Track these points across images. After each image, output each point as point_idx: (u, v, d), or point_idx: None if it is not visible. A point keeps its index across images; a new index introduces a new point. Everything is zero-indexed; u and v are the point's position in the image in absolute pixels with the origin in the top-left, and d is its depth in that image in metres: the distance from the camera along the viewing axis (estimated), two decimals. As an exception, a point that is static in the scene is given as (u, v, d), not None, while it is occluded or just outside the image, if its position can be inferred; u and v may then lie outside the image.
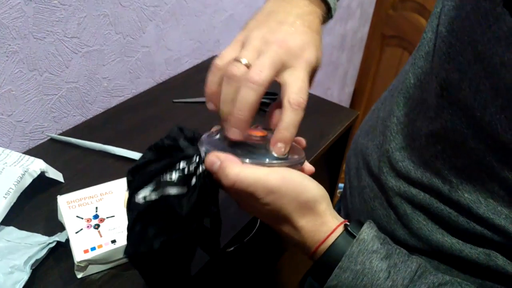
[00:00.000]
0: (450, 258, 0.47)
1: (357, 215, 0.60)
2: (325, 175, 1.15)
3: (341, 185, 1.98)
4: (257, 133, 0.44)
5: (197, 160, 0.40)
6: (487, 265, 0.44)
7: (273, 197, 0.39)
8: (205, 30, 1.14)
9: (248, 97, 0.39)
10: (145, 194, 0.39)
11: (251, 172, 0.39)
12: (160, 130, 0.87)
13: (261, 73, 0.39)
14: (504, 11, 0.36)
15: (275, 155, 0.41)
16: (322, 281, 0.43)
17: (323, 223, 0.42)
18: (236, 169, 0.39)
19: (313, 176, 0.45)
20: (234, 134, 0.40)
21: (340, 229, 0.42)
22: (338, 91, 2.37)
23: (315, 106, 0.99)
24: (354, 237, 0.41)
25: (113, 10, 0.87)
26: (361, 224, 0.43)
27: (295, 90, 0.40)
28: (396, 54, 2.26)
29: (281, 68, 0.41)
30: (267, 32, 0.42)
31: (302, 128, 0.44)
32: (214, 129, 0.45)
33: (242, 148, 0.42)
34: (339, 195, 1.35)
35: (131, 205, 0.39)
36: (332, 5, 0.48)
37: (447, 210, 0.46)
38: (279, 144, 0.41)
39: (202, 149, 0.41)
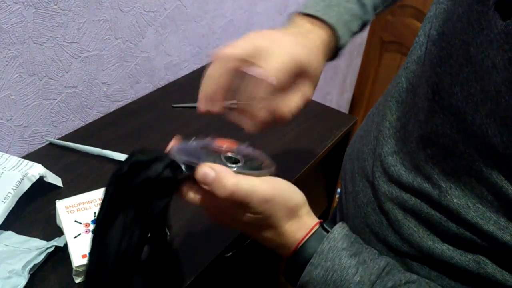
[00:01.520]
0: (441, 265, 0.47)
1: (352, 221, 0.60)
2: (324, 180, 1.15)
3: (339, 190, 1.97)
4: (223, 143, 0.45)
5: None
6: (477, 273, 0.44)
7: (267, 206, 0.41)
8: (204, 35, 1.15)
9: (216, 68, 0.42)
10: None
11: (247, 182, 0.40)
12: (159, 134, 0.87)
13: (231, 48, 0.42)
14: (496, 14, 0.36)
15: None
16: (296, 277, 0.45)
17: (304, 223, 0.45)
18: (234, 180, 0.39)
19: (312, 182, 0.46)
20: (203, 106, 0.44)
21: (317, 227, 0.45)
22: (337, 96, 2.38)
23: (314, 111, 1.00)
24: (327, 233, 0.44)
25: (113, 15, 0.87)
26: (334, 224, 0.46)
27: (269, 66, 0.43)
28: (395, 59, 2.27)
29: (261, 52, 0.43)
30: (263, 31, 0.45)
31: (301, 134, 0.44)
32: (173, 142, 0.44)
33: (215, 158, 0.42)
34: (338, 200, 1.35)
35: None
36: (340, 32, 0.51)
37: (437, 215, 0.46)
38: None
39: (180, 160, 0.41)
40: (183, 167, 0.40)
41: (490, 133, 0.38)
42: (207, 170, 0.40)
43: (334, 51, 0.53)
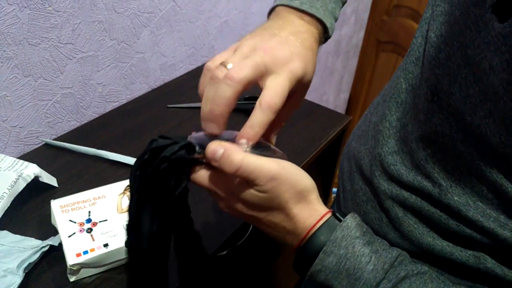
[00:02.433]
0: (441, 261, 0.48)
1: None
2: (319, 180, 1.16)
3: (334, 189, 1.98)
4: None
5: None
6: (477, 268, 0.45)
7: (274, 184, 0.41)
8: (199, 36, 1.16)
9: (224, 92, 0.40)
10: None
11: (255, 159, 0.40)
12: (154, 135, 0.87)
13: (240, 72, 0.40)
14: (493, 17, 0.37)
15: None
16: (305, 266, 0.44)
17: (314, 210, 0.44)
18: (241, 155, 0.40)
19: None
20: (211, 128, 0.42)
21: (328, 215, 0.44)
22: (334, 97, 2.39)
23: (308, 111, 1.00)
24: (339, 221, 0.44)
25: (108, 16, 0.88)
26: (344, 214, 0.45)
27: (270, 93, 0.41)
28: (391, 59, 2.28)
29: (264, 72, 0.42)
30: (259, 41, 0.44)
31: (295, 133, 0.45)
32: (193, 133, 0.46)
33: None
34: (333, 199, 1.35)
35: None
36: (328, 24, 0.49)
37: (437, 213, 0.47)
38: (242, 141, 0.42)
39: (194, 141, 0.42)
40: (197, 147, 0.42)
41: (489, 133, 0.38)
42: (217, 146, 0.41)
43: (322, 42, 0.52)
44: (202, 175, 0.44)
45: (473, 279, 0.47)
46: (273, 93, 0.41)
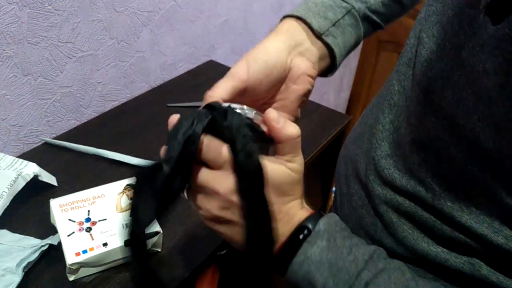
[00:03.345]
0: (436, 267, 0.47)
1: (346, 222, 0.60)
2: (319, 179, 1.16)
3: (334, 189, 1.97)
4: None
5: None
6: (471, 275, 0.44)
7: (301, 159, 0.46)
8: (200, 35, 1.15)
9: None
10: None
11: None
12: (154, 134, 0.88)
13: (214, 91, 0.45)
14: (487, 19, 0.36)
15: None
16: (287, 260, 0.44)
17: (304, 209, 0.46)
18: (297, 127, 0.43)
19: (306, 180, 0.47)
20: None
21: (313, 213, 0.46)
22: (334, 96, 2.38)
23: (308, 110, 1.00)
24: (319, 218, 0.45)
25: (107, 15, 0.87)
26: (341, 218, 0.47)
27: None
28: (391, 59, 2.27)
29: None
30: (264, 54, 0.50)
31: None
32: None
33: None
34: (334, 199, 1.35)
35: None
36: (337, 56, 0.54)
37: (431, 218, 0.46)
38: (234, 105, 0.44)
39: (235, 106, 0.42)
40: (253, 113, 0.43)
41: (482, 137, 0.37)
42: (276, 115, 0.42)
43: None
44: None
45: (468, 286, 0.46)
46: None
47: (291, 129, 0.42)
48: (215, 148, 0.41)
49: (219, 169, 0.42)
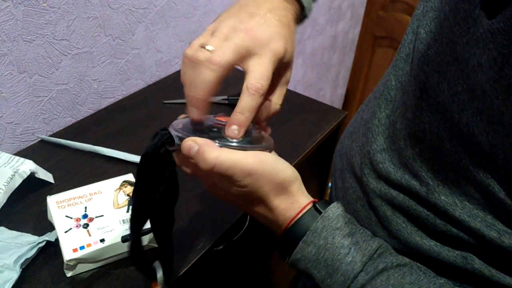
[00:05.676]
0: (429, 261, 0.47)
1: None
2: (315, 174, 1.16)
3: (330, 184, 1.98)
4: (224, 119, 0.46)
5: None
6: (464, 268, 0.45)
7: (251, 179, 0.41)
8: (195, 31, 1.15)
9: (207, 77, 0.40)
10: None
11: (229, 155, 0.40)
12: (150, 131, 0.88)
13: (223, 55, 0.40)
14: (482, 13, 0.36)
15: (229, 138, 0.42)
16: (287, 255, 0.45)
17: (295, 201, 0.45)
18: (215, 153, 0.40)
19: (303, 176, 0.47)
20: (194, 113, 0.42)
21: (310, 206, 0.45)
22: (330, 92, 2.39)
23: (303, 106, 1.01)
24: (320, 213, 0.44)
25: (102, 12, 0.87)
26: (329, 204, 0.45)
27: (255, 75, 0.41)
28: (387, 55, 2.28)
29: (246, 55, 0.42)
30: (237, 21, 0.43)
31: (291, 128, 0.45)
32: (181, 116, 0.47)
33: (211, 133, 0.43)
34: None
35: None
36: (306, 4, 0.49)
37: (425, 212, 0.46)
38: (233, 127, 0.42)
39: (174, 133, 0.43)
40: (176, 140, 0.42)
41: (477, 131, 0.38)
42: (191, 143, 0.41)
43: (299, 21, 0.52)
44: (184, 169, 0.44)
45: (461, 280, 0.46)
46: (259, 76, 0.41)
47: (204, 165, 0.41)
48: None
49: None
